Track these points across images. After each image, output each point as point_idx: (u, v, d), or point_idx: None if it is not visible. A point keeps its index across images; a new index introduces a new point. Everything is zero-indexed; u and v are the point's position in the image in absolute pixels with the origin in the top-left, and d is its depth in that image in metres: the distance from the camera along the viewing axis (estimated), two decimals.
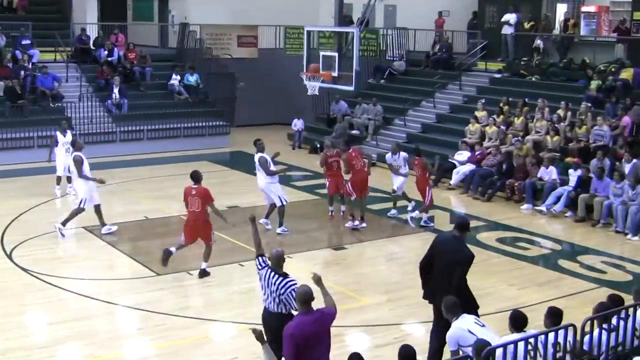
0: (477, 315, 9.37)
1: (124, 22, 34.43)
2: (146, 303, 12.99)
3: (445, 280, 9.91)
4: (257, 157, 17.06)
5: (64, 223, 16.65)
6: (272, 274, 9.32)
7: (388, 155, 19.29)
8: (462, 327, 8.64)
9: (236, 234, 16.65)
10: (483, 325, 8.75)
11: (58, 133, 20.23)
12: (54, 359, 11.04)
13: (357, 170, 18.08)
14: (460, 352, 8.46)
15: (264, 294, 9.45)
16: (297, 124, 29.28)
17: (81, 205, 16.74)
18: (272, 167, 17.14)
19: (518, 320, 8.46)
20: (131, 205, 19.53)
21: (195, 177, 14.40)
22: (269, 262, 9.47)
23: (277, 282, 9.24)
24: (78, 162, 16.63)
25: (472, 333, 8.48)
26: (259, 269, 9.53)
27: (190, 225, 14.41)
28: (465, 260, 10.05)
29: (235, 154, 27.66)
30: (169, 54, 31.92)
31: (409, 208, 19.00)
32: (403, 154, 19.04)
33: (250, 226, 10.28)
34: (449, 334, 8.76)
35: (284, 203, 17.19)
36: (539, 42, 27.61)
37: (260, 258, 9.63)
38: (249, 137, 29.74)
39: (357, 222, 17.87)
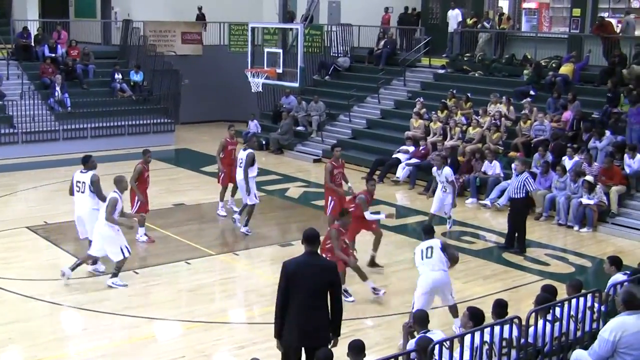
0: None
1: (66, 19, 34.01)
2: (91, 302, 12.83)
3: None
4: (246, 153, 16.76)
5: None
6: None
7: (434, 169, 17.58)
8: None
9: (182, 232, 16.61)
10: None
11: None
12: None
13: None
14: None
15: None
16: (251, 126, 28.68)
17: None
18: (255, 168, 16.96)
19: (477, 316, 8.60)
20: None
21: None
22: None
23: None
24: None
25: None
26: None
27: None
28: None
29: (180, 151, 27.50)
30: (112, 51, 31.58)
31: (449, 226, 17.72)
32: (447, 171, 16.94)
33: None
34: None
35: (255, 202, 16.92)
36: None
37: None
38: (194, 134, 29.73)
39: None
